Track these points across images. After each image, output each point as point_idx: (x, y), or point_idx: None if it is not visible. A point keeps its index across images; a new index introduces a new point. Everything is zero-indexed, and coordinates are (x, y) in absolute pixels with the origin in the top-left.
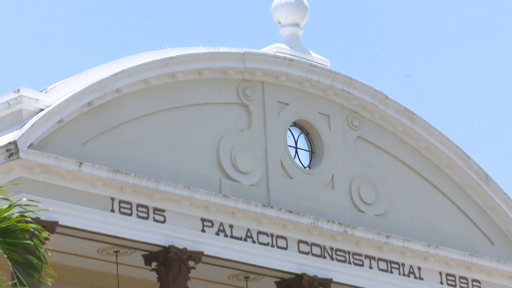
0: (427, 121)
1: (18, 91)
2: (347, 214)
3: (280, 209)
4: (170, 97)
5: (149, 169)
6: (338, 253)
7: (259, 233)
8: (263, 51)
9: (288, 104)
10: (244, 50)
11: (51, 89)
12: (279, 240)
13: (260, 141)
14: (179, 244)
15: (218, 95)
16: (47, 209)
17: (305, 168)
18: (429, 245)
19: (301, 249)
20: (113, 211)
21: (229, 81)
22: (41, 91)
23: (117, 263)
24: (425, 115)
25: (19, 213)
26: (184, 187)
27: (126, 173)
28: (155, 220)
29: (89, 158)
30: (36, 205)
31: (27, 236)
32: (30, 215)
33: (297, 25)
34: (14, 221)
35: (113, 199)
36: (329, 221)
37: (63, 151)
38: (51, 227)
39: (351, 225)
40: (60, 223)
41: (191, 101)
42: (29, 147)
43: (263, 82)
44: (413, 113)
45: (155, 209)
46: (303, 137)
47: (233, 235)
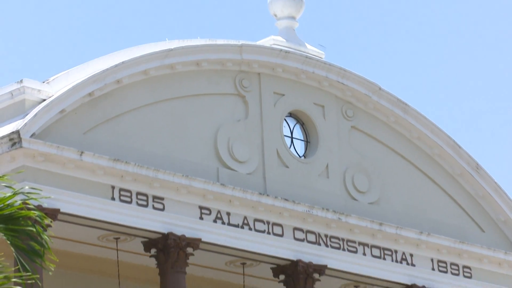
0: (419, 111)
1: (21, 81)
2: (341, 202)
3: (276, 197)
4: (169, 88)
5: (148, 158)
6: (332, 240)
7: (256, 220)
8: (259, 43)
9: (284, 95)
10: (241, 42)
11: (53, 80)
12: (275, 227)
13: (256, 131)
14: (178, 231)
15: (215, 86)
16: (49, 197)
17: (300, 157)
18: (421, 232)
19: (296, 236)
20: (113, 199)
21: (227, 73)
22: (43, 82)
23: (117, 249)
24: (418, 105)
25: (22, 200)
26: (182, 175)
27: (126, 162)
28: (154, 207)
29: (90, 147)
30: (38, 193)
31: (30, 223)
32: (32, 203)
33: (292, 18)
34: (17, 208)
35: (113, 187)
36: (323, 209)
37: (65, 141)
38: (53, 214)
39: (345, 213)
40: (62, 210)
41: (189, 92)
42: (32, 136)
43: (259, 73)
44: (406, 104)
45: (154, 197)
46: (298, 127)
47: (230, 222)
